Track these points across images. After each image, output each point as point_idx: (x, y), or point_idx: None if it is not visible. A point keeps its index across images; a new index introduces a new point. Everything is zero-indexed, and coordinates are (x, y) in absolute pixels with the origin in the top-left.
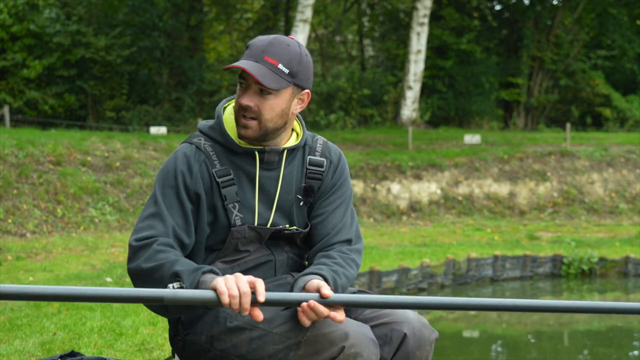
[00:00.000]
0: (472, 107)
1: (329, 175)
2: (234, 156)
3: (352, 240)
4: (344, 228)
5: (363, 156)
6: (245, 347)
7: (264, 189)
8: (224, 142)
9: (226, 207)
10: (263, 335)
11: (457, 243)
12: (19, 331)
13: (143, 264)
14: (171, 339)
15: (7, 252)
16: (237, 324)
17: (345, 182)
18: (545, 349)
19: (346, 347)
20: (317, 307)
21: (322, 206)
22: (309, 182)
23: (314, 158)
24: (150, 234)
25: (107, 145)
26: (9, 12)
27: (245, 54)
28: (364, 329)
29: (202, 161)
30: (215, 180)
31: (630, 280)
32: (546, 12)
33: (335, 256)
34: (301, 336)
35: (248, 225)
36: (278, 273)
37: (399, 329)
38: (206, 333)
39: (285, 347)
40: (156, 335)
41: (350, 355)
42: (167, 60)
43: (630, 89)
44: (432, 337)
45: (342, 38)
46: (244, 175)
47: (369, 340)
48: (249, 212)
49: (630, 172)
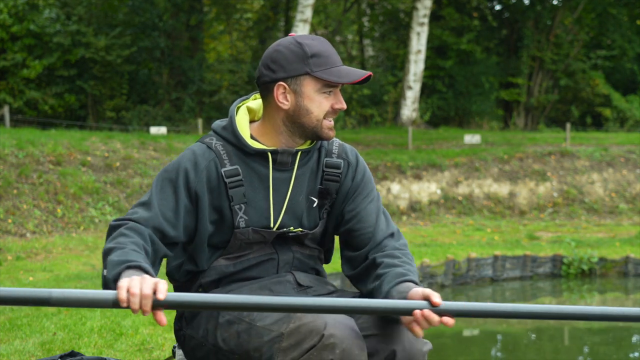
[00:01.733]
0: (472, 107)
1: (348, 176)
2: (247, 157)
3: (395, 234)
4: (383, 224)
5: (363, 156)
6: (234, 341)
7: (276, 190)
8: (237, 142)
9: (232, 208)
10: (248, 329)
11: (457, 243)
12: (19, 331)
13: (106, 244)
14: (175, 332)
15: (7, 252)
16: (227, 318)
17: (369, 181)
18: (546, 349)
19: (325, 336)
20: (431, 317)
21: (352, 208)
22: (326, 184)
23: (331, 160)
24: (128, 217)
25: (107, 145)
26: (9, 12)
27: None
28: (347, 320)
29: (211, 160)
30: (223, 180)
31: (630, 280)
32: (546, 12)
33: (399, 255)
34: (283, 328)
35: (252, 227)
36: (280, 272)
37: (388, 343)
38: (203, 327)
39: (269, 340)
40: (156, 335)
41: (328, 346)
42: (167, 60)
43: (630, 89)
44: (424, 349)
45: (342, 38)
46: (255, 177)
47: (350, 331)
48: (257, 214)
49: (630, 172)
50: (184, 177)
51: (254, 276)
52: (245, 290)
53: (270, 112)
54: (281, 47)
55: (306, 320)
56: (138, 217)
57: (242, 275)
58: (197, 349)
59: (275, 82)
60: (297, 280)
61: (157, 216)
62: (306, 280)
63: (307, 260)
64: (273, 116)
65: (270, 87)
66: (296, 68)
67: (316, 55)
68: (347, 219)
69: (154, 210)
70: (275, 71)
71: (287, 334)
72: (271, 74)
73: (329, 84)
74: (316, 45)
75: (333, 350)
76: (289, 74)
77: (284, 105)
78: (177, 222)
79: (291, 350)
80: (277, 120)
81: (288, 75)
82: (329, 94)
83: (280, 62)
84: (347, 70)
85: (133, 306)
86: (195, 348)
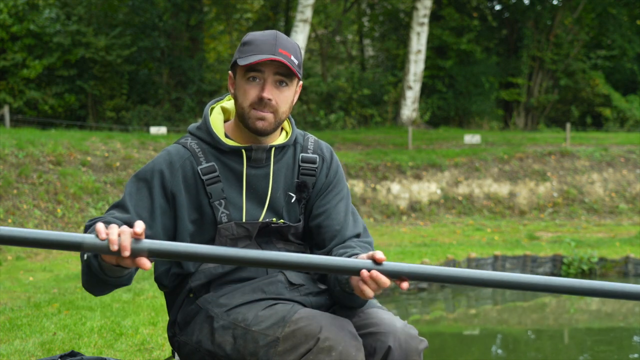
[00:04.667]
0: (472, 107)
1: (322, 172)
2: (222, 155)
3: (362, 234)
4: (351, 223)
5: (363, 156)
6: (229, 347)
7: (252, 187)
8: (211, 141)
9: (212, 205)
10: (244, 334)
11: (457, 243)
12: (19, 331)
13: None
14: (170, 339)
15: (7, 252)
16: (222, 323)
17: (341, 179)
18: (545, 349)
19: (320, 339)
20: (379, 276)
21: (322, 204)
22: (303, 178)
23: (307, 155)
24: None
25: (107, 145)
26: (9, 12)
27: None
28: (342, 322)
29: (186, 158)
30: (200, 178)
31: (630, 280)
32: (546, 12)
33: (354, 245)
34: (279, 332)
35: (235, 221)
36: (270, 271)
37: (383, 340)
38: (197, 334)
39: (265, 345)
40: (156, 335)
41: (325, 349)
42: (167, 60)
43: (630, 89)
44: (420, 347)
45: (342, 38)
46: (231, 174)
47: (346, 333)
48: (236, 210)
49: (630, 172)
50: (159, 178)
51: (245, 277)
52: (238, 294)
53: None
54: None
55: (302, 324)
56: (114, 217)
57: (233, 277)
58: (192, 355)
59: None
60: (288, 279)
61: (133, 217)
62: (298, 278)
63: None
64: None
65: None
66: (234, 56)
67: (247, 43)
68: (316, 214)
69: (129, 212)
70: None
71: (282, 338)
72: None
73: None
74: (255, 36)
75: (329, 353)
76: (232, 62)
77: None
78: (153, 223)
79: (287, 355)
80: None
81: (231, 64)
82: (254, 81)
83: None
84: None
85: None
86: (190, 354)
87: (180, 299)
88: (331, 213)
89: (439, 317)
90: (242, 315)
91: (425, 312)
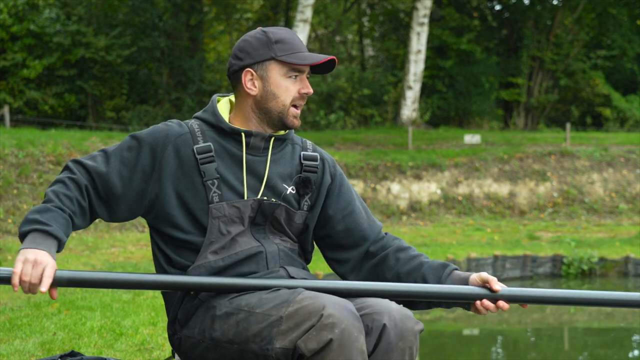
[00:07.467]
0: (472, 107)
1: (326, 172)
2: (221, 137)
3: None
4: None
5: (363, 156)
6: (233, 331)
7: (249, 171)
8: (214, 120)
9: (205, 184)
10: (247, 317)
11: (457, 243)
12: (19, 331)
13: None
14: (170, 338)
15: (7, 252)
16: (225, 310)
17: (344, 178)
18: (545, 349)
19: (324, 316)
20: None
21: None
22: (306, 175)
23: (308, 153)
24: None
25: (107, 145)
26: (9, 12)
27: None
28: (346, 303)
29: (182, 134)
30: (195, 157)
31: (630, 280)
32: (546, 12)
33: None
34: (282, 312)
35: (226, 202)
36: (270, 265)
37: (378, 319)
38: (199, 326)
39: (267, 325)
40: (156, 335)
41: (328, 325)
42: (167, 60)
43: (630, 89)
44: (416, 328)
45: (342, 38)
46: (228, 156)
47: (349, 313)
48: (230, 191)
49: (630, 172)
50: (151, 144)
51: (245, 272)
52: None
53: (241, 101)
54: (248, 36)
55: (305, 303)
56: (92, 165)
57: (233, 272)
58: (193, 348)
59: (243, 69)
60: (289, 274)
61: (110, 172)
62: (299, 273)
63: (292, 255)
64: (243, 104)
65: (239, 74)
66: (261, 54)
67: (280, 41)
68: (341, 218)
69: (110, 165)
70: (242, 59)
71: (286, 317)
72: (239, 62)
73: (294, 67)
74: (281, 33)
75: (332, 329)
76: (255, 59)
77: (252, 92)
78: (130, 183)
79: (290, 332)
80: (247, 108)
81: (254, 61)
82: (295, 79)
83: (246, 49)
84: (311, 54)
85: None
86: (191, 348)
87: (180, 297)
88: (356, 214)
89: (439, 317)
90: (246, 301)
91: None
